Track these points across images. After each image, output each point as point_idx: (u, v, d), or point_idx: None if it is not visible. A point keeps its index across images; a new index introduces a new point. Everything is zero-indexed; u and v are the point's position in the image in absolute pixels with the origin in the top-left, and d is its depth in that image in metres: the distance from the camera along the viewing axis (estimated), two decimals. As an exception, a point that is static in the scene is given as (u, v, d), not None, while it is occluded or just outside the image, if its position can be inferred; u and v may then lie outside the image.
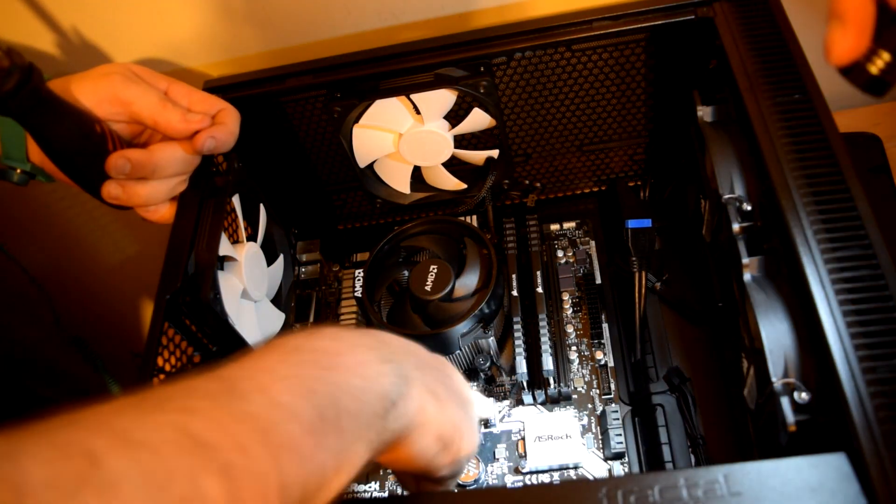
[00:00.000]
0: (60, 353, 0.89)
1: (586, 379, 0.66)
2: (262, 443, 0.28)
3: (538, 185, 0.75)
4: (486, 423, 0.65)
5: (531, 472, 0.62)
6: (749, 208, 0.51)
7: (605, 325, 0.68)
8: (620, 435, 0.60)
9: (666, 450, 0.58)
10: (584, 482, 0.54)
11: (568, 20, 0.60)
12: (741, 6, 0.56)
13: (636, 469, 0.60)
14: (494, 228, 0.73)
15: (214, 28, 0.69)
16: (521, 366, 0.62)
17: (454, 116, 0.67)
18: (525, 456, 0.61)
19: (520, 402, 0.65)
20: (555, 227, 0.76)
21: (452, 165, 0.71)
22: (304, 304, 0.73)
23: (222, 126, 0.56)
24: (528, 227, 0.71)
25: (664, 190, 0.73)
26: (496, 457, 0.63)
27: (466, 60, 0.61)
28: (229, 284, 0.59)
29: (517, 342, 0.64)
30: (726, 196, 0.52)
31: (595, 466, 0.61)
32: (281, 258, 0.71)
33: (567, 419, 0.62)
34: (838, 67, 0.39)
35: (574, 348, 0.68)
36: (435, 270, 0.64)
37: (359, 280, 0.67)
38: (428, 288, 0.63)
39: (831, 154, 0.46)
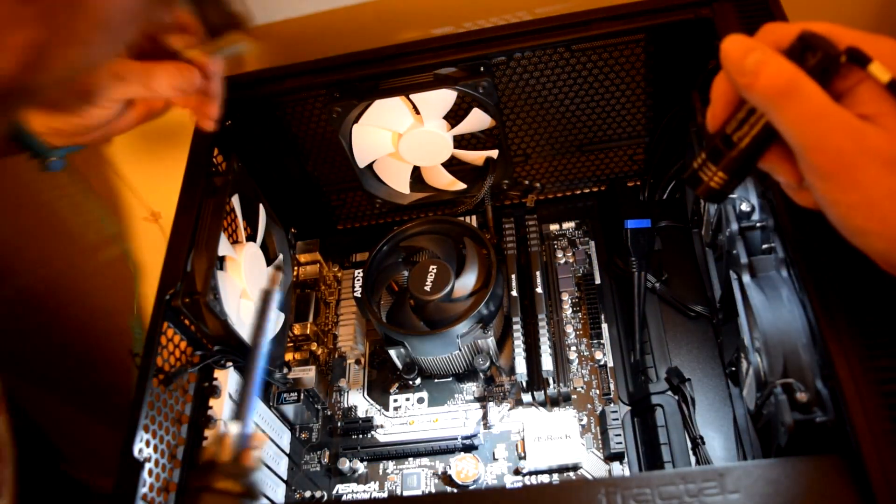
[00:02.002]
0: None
1: (586, 379, 0.66)
2: None
3: (537, 185, 0.75)
4: (492, 428, 0.65)
5: (531, 473, 0.62)
6: (748, 208, 0.51)
7: (604, 326, 0.68)
8: (620, 435, 0.60)
9: (665, 450, 0.58)
10: (584, 482, 0.54)
11: (568, 20, 0.60)
12: (740, 6, 0.56)
13: (636, 469, 0.60)
14: (494, 228, 0.73)
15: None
16: (521, 366, 0.62)
17: (454, 116, 0.67)
18: (525, 456, 0.61)
19: (519, 402, 0.65)
20: (554, 227, 0.76)
21: (452, 165, 0.71)
22: (303, 304, 0.73)
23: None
24: (527, 228, 0.71)
25: (664, 190, 0.73)
26: (496, 457, 0.63)
27: (466, 60, 0.61)
28: (229, 284, 0.59)
29: (516, 342, 0.64)
30: (725, 196, 0.52)
31: (594, 466, 0.61)
32: (280, 258, 0.71)
33: (566, 419, 0.62)
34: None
35: (573, 348, 0.68)
36: (434, 270, 0.64)
37: (358, 280, 0.67)
38: (427, 288, 0.63)
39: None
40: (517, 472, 0.62)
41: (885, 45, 0.34)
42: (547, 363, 0.62)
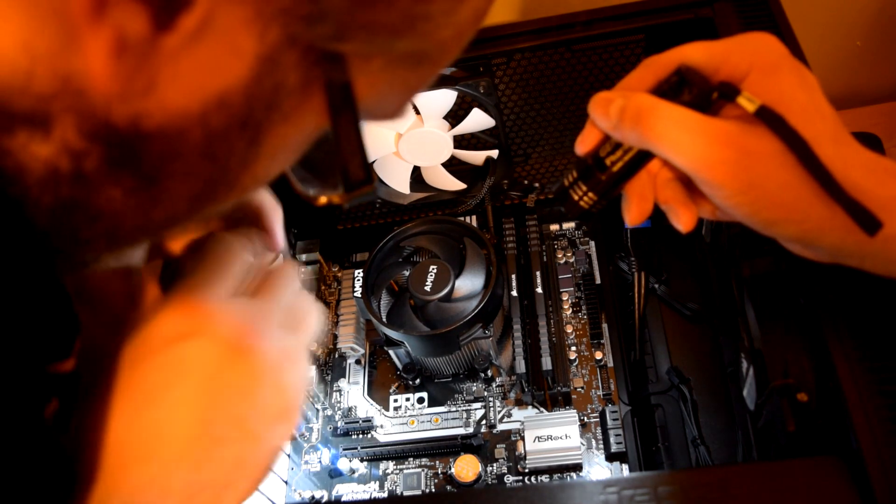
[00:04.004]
0: None
1: (586, 379, 0.66)
2: None
3: (538, 185, 0.75)
4: (492, 428, 0.65)
5: (531, 473, 0.62)
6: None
7: (604, 326, 0.68)
8: (620, 435, 0.60)
9: (665, 450, 0.58)
10: (584, 482, 0.54)
11: (568, 20, 0.60)
12: (741, 6, 0.56)
13: (635, 469, 0.60)
14: (494, 228, 0.73)
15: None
16: (521, 366, 0.62)
17: (454, 116, 0.67)
18: (524, 456, 0.61)
19: (519, 402, 0.65)
20: (554, 227, 0.76)
21: (452, 165, 0.71)
22: (303, 304, 0.73)
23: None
24: (527, 228, 0.71)
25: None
26: (496, 457, 0.63)
27: (466, 60, 0.61)
28: (229, 284, 0.59)
29: (516, 342, 0.64)
30: (726, 196, 0.52)
31: (594, 466, 0.61)
32: (280, 258, 0.71)
33: (566, 419, 0.62)
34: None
35: (573, 348, 0.68)
36: (434, 270, 0.64)
37: (358, 280, 0.67)
38: (427, 288, 0.63)
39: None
40: (517, 471, 0.62)
41: (749, 48, 0.36)
42: (547, 363, 0.62)
